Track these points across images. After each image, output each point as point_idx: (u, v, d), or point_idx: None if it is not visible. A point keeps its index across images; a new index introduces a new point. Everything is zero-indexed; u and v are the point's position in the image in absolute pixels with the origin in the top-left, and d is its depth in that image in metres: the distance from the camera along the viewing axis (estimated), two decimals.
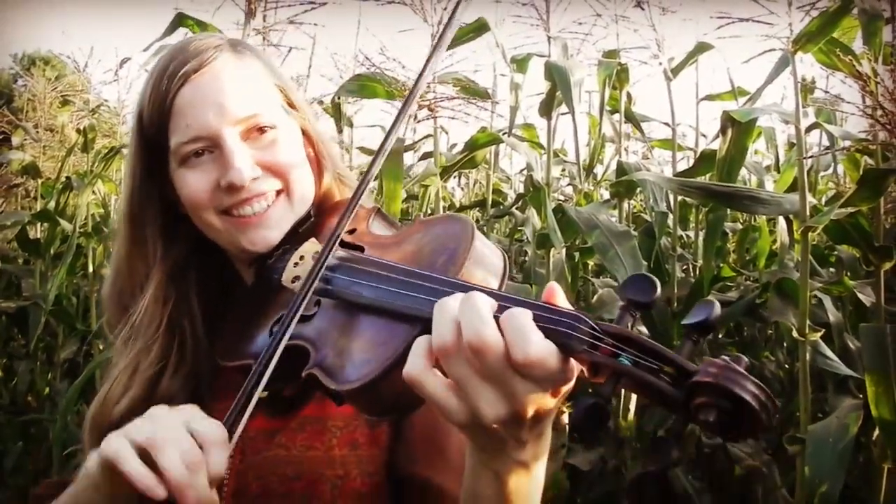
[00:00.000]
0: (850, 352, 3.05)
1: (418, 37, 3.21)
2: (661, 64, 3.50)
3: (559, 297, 0.85)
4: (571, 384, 0.82)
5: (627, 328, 0.81)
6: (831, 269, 3.86)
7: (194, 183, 1.21)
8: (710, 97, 3.88)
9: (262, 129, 1.22)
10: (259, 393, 0.99)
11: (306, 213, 1.28)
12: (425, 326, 0.86)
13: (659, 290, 0.82)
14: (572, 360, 0.80)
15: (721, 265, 3.83)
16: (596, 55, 3.68)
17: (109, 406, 1.25)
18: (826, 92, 2.89)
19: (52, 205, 4.49)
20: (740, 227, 4.44)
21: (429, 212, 3.60)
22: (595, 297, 3.62)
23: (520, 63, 3.52)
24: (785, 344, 3.89)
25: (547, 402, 0.82)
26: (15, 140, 5.30)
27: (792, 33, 2.38)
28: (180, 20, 2.96)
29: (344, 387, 0.92)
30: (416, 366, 0.82)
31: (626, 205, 4.08)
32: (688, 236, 4.38)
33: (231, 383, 1.16)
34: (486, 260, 0.97)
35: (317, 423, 1.19)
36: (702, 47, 3.48)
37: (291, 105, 1.31)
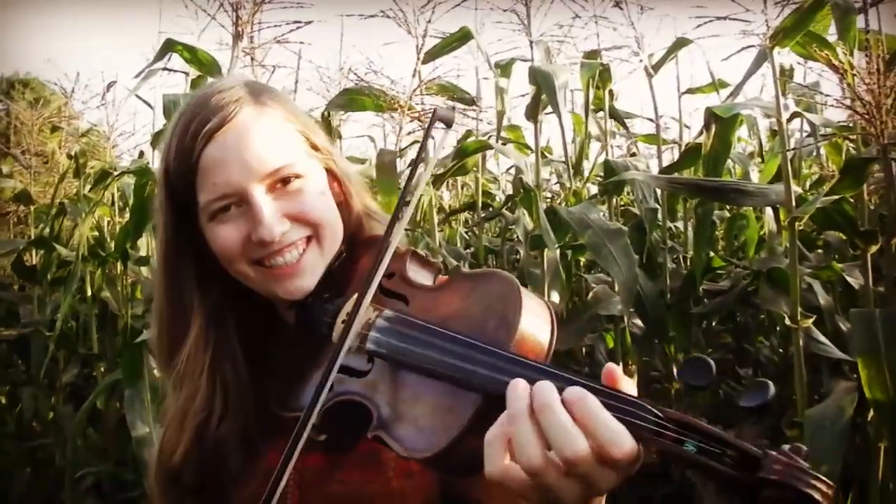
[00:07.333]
0: (842, 334, 3.11)
1: (403, 49, 3.27)
2: (641, 61, 3.55)
3: (620, 380, 0.89)
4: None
5: (687, 413, 0.86)
6: (820, 252, 3.92)
7: (225, 237, 1.23)
8: (691, 90, 3.93)
9: (286, 180, 1.23)
10: (298, 452, 1.02)
11: (338, 251, 1.30)
12: (487, 398, 0.91)
13: (714, 371, 0.88)
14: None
15: (712, 255, 3.88)
16: (577, 55, 3.73)
17: (167, 456, 1.28)
18: (801, 85, 2.94)
19: (47, 231, 4.51)
20: (728, 215, 4.50)
21: (421, 218, 3.65)
22: (590, 294, 3.67)
23: (503, 68, 3.57)
24: (778, 329, 3.95)
25: (619, 478, 0.87)
26: (5, 168, 5.32)
27: (769, 29, 2.44)
28: (169, 46, 2.99)
29: (414, 455, 0.96)
30: (498, 467, 0.86)
31: (614, 200, 4.15)
32: (677, 228, 4.43)
33: (286, 429, 1.20)
34: (535, 321, 1.01)
35: (371, 459, 1.19)
36: (681, 42, 3.53)
37: (315, 147, 1.31)
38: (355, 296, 1.15)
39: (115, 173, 4.06)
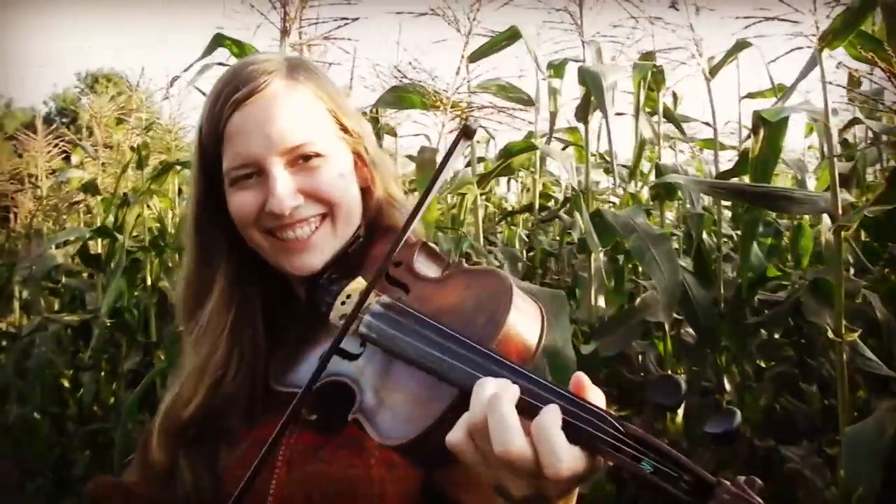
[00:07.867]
0: None
1: (456, 46, 3.26)
2: (699, 64, 3.47)
3: (588, 390, 0.89)
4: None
5: (652, 432, 0.86)
6: (885, 266, 3.77)
7: (241, 203, 1.26)
8: (751, 95, 3.83)
9: (307, 157, 1.24)
10: (288, 431, 1.08)
11: (355, 235, 1.31)
12: (463, 394, 0.92)
13: (684, 391, 0.89)
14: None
15: (768, 265, 3.77)
16: (636, 58, 3.67)
17: (179, 408, 1.31)
18: (861, 94, 2.82)
19: (110, 220, 4.64)
20: (794, 224, 4.35)
21: (467, 217, 3.63)
22: (638, 300, 3.60)
23: (556, 68, 3.53)
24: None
25: (569, 487, 0.86)
26: (74, 159, 5.51)
27: (818, 31, 2.35)
28: (219, 40, 3.04)
29: (386, 442, 0.98)
30: (458, 436, 0.88)
31: (674, 205, 4.07)
32: (738, 236, 4.31)
33: (277, 403, 1.18)
34: (524, 321, 1.02)
35: (355, 444, 1.20)
36: (740, 45, 3.43)
37: (345, 129, 1.32)
38: (358, 279, 1.19)
39: (177, 166, 4.15)
